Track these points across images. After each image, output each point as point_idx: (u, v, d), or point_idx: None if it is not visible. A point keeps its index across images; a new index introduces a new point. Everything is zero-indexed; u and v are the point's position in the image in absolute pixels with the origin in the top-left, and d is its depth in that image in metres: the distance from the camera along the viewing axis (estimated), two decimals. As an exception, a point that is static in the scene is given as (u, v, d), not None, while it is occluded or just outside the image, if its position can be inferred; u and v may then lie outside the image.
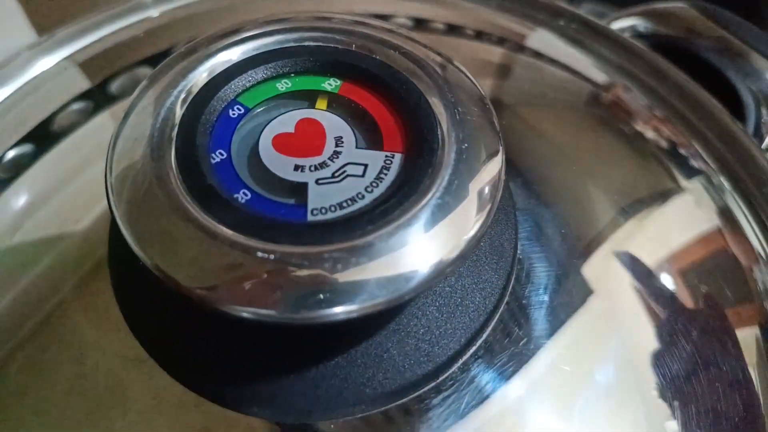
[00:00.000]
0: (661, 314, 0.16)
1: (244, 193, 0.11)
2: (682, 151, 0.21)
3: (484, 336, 0.13)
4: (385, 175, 0.12)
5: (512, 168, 0.17)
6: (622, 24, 0.23)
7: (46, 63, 0.23)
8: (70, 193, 0.19)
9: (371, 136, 0.12)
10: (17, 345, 0.15)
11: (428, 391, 0.13)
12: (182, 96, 0.12)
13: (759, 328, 0.17)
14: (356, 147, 0.12)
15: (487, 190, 0.12)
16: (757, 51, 0.22)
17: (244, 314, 0.10)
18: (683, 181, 0.20)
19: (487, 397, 0.13)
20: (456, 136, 0.12)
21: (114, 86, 0.21)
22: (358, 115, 0.13)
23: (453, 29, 0.23)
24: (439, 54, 0.13)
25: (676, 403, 0.14)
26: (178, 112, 0.12)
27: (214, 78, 0.13)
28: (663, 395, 0.15)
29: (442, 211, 0.11)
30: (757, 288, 0.18)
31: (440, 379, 0.12)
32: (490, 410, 0.13)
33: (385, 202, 0.11)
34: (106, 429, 0.13)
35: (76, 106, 0.21)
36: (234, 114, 0.13)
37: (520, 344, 0.14)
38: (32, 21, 0.33)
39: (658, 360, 0.15)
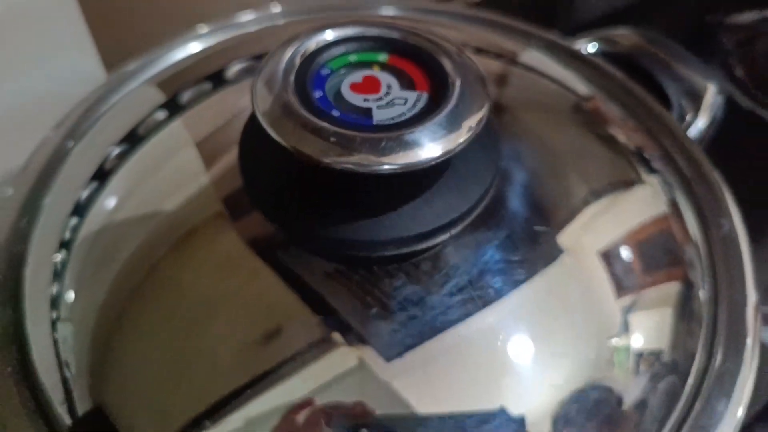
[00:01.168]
0: (615, 269, 0.24)
1: (335, 111, 0.20)
2: (645, 154, 0.29)
3: (485, 203, 0.21)
4: (418, 105, 0.20)
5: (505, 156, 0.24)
6: (581, 45, 0.32)
7: (131, 84, 0.31)
8: (156, 179, 0.27)
9: (408, 83, 0.21)
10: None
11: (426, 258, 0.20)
12: (296, 60, 0.20)
13: (682, 283, 0.24)
14: (399, 89, 0.20)
15: (475, 116, 0.20)
16: (680, 63, 0.31)
17: (345, 165, 0.18)
18: (644, 176, 0.27)
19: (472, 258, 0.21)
20: (459, 84, 0.20)
21: (183, 98, 0.29)
22: (400, 73, 0.21)
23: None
24: (451, 42, 0.22)
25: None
26: (295, 68, 0.20)
27: (313, 52, 0.21)
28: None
29: (448, 122, 0.19)
30: (685, 258, 0.25)
31: (455, 230, 0.20)
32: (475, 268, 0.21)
33: (416, 117, 0.19)
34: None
35: (156, 114, 0.28)
36: (324, 73, 0.21)
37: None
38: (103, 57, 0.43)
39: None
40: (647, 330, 0.23)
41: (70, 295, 0.23)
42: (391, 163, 0.18)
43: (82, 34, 0.42)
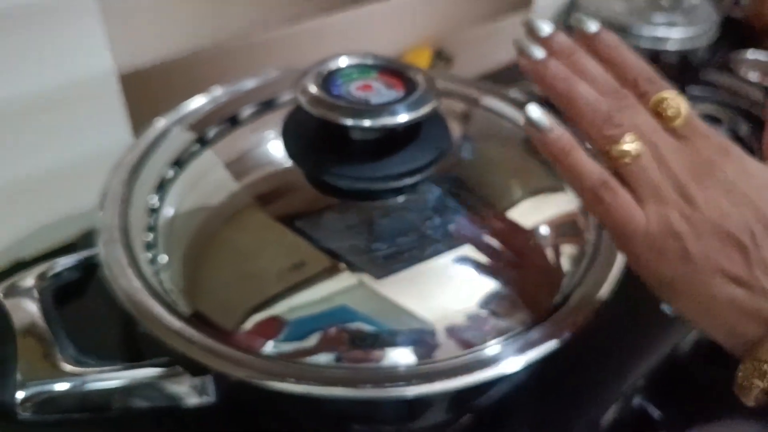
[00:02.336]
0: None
1: (345, 100, 0.32)
2: None
3: (441, 159, 0.33)
4: (397, 96, 0.33)
5: (463, 173, 0.37)
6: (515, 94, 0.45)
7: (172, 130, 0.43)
8: (196, 194, 0.39)
9: (392, 86, 0.33)
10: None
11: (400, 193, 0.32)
12: (324, 74, 0.33)
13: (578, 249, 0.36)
14: (385, 89, 0.33)
15: (431, 103, 0.32)
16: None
17: (354, 124, 0.30)
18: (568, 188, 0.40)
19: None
20: (422, 87, 0.33)
21: (210, 134, 0.41)
22: (385, 82, 0.34)
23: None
24: (415, 66, 0.35)
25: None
26: (320, 79, 0.33)
27: (332, 71, 0.34)
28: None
29: (414, 105, 0.32)
30: (584, 236, 0.37)
31: (424, 174, 0.32)
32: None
33: (395, 101, 0.32)
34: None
35: (191, 147, 0.40)
36: (338, 83, 0.34)
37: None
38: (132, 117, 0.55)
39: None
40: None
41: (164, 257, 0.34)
42: (381, 123, 0.30)
43: (120, 112, 0.55)
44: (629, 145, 0.28)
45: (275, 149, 0.37)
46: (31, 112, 0.52)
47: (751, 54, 0.90)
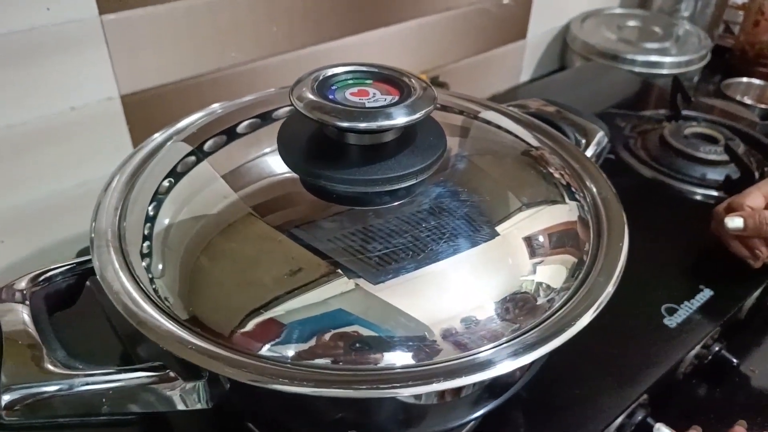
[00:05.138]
0: (530, 244, 0.36)
1: (341, 104, 0.32)
2: (572, 188, 0.40)
3: (437, 165, 0.33)
4: (393, 100, 0.33)
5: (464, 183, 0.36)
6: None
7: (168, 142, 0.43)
8: (192, 203, 0.38)
9: (387, 91, 0.34)
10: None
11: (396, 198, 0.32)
12: (319, 79, 0.33)
13: (576, 259, 0.36)
14: (381, 95, 0.33)
15: (424, 107, 0.32)
16: (574, 113, 0.45)
17: (349, 126, 0.30)
18: (567, 200, 0.39)
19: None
20: (416, 93, 0.33)
21: (206, 146, 0.40)
22: (380, 88, 0.34)
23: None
24: (409, 72, 0.35)
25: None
26: (316, 84, 0.33)
27: (327, 76, 0.34)
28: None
29: (409, 108, 0.32)
30: (583, 246, 0.37)
31: (419, 178, 0.32)
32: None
33: (391, 104, 0.32)
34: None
35: (188, 158, 0.39)
36: (335, 87, 0.34)
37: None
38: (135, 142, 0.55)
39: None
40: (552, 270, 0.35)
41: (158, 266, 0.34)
42: (377, 124, 0.30)
43: (124, 137, 0.56)
44: None
45: (271, 160, 0.37)
46: (37, 139, 0.54)
47: (745, 80, 0.91)
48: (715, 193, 0.63)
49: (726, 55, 0.99)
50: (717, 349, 0.48)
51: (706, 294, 0.51)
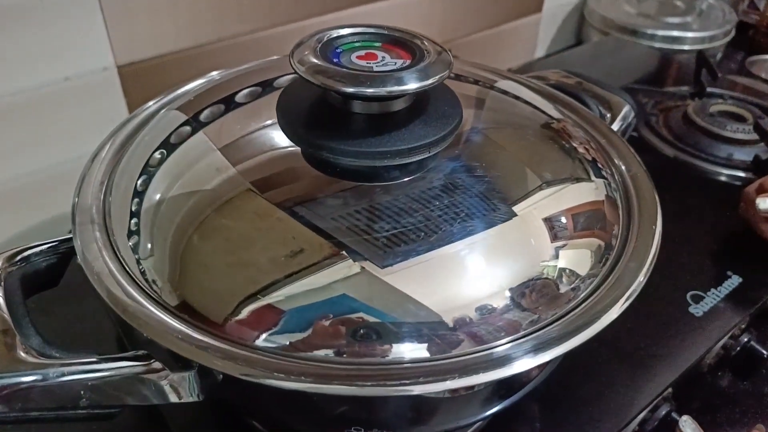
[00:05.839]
0: (552, 225, 0.32)
1: (346, 68, 0.29)
2: (598, 164, 0.37)
3: (451, 136, 0.30)
4: (404, 64, 0.30)
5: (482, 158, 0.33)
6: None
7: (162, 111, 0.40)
8: (185, 177, 0.35)
9: (398, 56, 0.30)
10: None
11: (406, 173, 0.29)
12: (322, 41, 0.30)
13: (603, 243, 0.33)
14: (390, 59, 0.30)
15: (438, 72, 0.29)
16: (597, 86, 0.42)
17: (363, 93, 0.27)
18: (593, 178, 0.36)
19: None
20: (430, 57, 0.30)
21: (202, 116, 0.36)
22: (390, 51, 0.31)
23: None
24: (426, 36, 0.32)
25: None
26: (320, 47, 0.30)
27: (332, 38, 0.31)
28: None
29: (422, 73, 0.29)
30: (611, 229, 0.34)
31: (432, 152, 0.29)
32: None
33: (401, 68, 0.29)
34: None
35: (182, 128, 0.36)
36: (340, 51, 0.31)
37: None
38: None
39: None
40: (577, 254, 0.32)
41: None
42: (387, 90, 0.27)
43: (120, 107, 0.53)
44: None
45: (272, 131, 0.33)
46: (29, 111, 0.51)
47: (768, 58, 0.87)
48: (742, 174, 0.59)
49: (750, 31, 0.95)
50: (746, 340, 0.45)
51: (734, 281, 0.48)
